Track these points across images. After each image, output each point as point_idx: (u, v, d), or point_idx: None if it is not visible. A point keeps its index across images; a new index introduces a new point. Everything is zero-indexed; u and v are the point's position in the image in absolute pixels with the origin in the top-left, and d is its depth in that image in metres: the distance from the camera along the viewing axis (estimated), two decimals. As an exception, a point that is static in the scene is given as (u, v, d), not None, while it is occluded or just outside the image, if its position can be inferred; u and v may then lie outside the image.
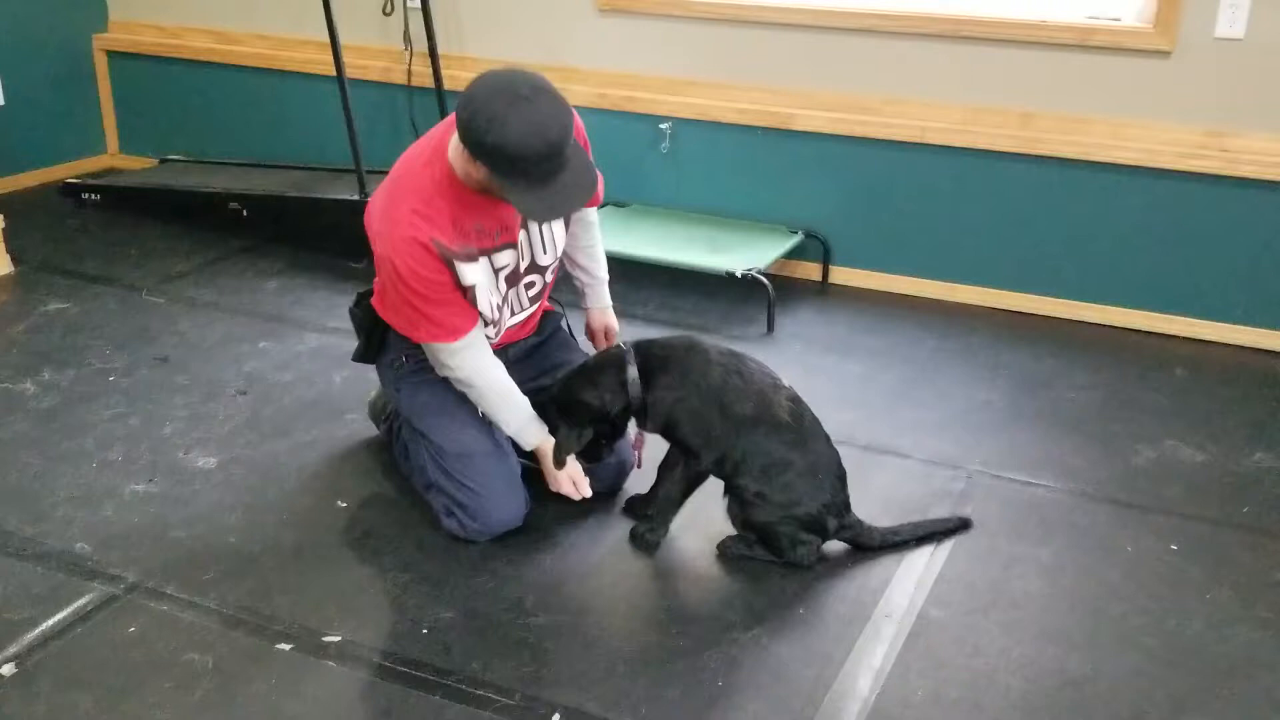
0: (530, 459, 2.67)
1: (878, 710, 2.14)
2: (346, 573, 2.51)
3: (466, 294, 2.45)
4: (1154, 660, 2.29)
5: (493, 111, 2.17)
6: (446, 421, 2.62)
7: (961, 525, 2.68)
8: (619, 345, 2.62)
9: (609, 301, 2.91)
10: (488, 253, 2.47)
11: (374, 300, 2.67)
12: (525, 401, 2.60)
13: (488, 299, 2.50)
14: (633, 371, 2.51)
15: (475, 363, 2.53)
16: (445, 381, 2.60)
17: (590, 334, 2.93)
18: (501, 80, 2.23)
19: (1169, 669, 2.26)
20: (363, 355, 2.78)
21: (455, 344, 2.48)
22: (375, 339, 2.72)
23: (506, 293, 2.57)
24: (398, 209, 2.38)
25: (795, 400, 2.58)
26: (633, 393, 2.51)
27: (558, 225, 2.62)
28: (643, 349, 2.56)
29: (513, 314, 2.65)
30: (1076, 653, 2.30)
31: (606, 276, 2.90)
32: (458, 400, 2.61)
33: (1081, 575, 2.55)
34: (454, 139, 2.34)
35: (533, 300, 2.69)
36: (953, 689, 2.20)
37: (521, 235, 2.54)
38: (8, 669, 2.20)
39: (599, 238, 2.86)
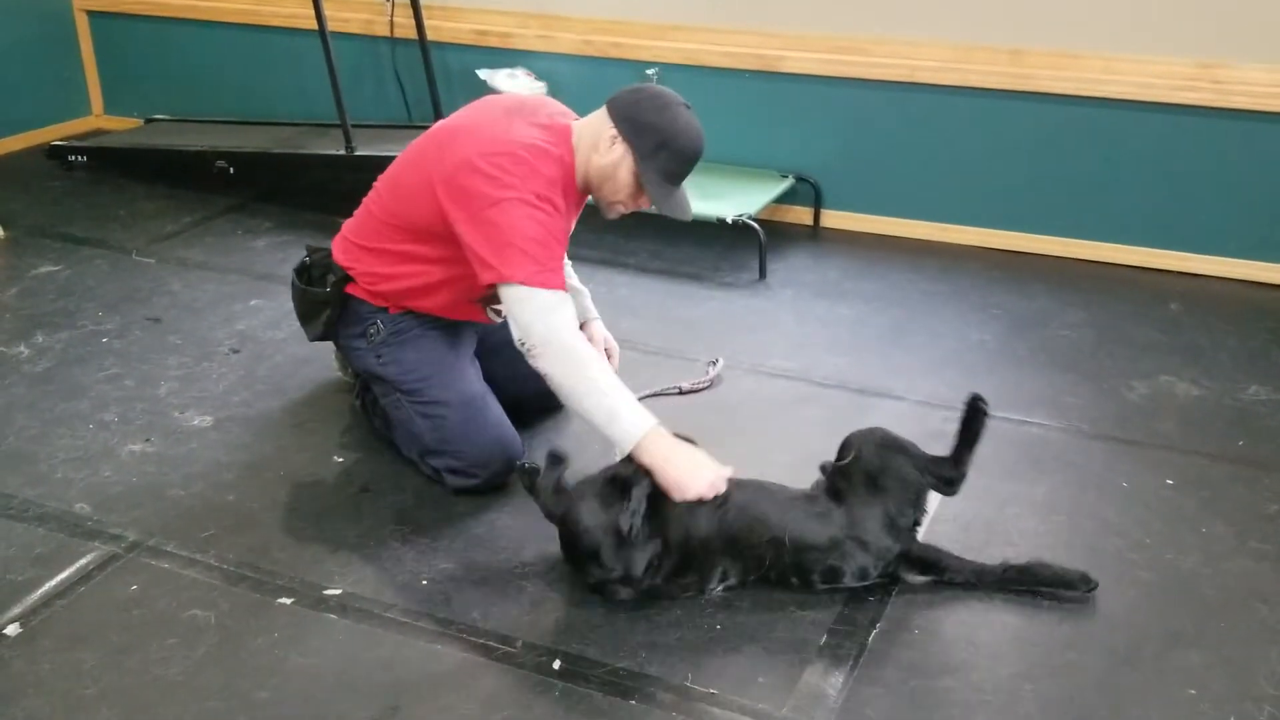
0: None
1: (873, 651, 2.16)
2: (345, 527, 2.53)
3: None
4: (1150, 594, 2.31)
5: (665, 102, 2.40)
6: (443, 373, 2.61)
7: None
8: None
9: (596, 313, 2.84)
10: None
11: (341, 259, 2.63)
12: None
13: None
14: None
15: (575, 322, 2.39)
16: (427, 335, 2.58)
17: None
18: (661, 89, 2.47)
19: (1165, 603, 2.28)
20: (324, 332, 2.71)
21: (561, 291, 2.37)
22: (336, 312, 2.65)
23: None
24: (533, 171, 2.36)
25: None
26: None
27: None
28: None
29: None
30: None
31: (586, 289, 2.84)
32: (445, 348, 2.60)
33: (1076, 512, 2.56)
34: (593, 125, 2.43)
35: None
36: (949, 626, 2.22)
37: None
38: (12, 629, 2.22)
39: None
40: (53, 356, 3.23)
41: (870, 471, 2.28)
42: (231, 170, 4.34)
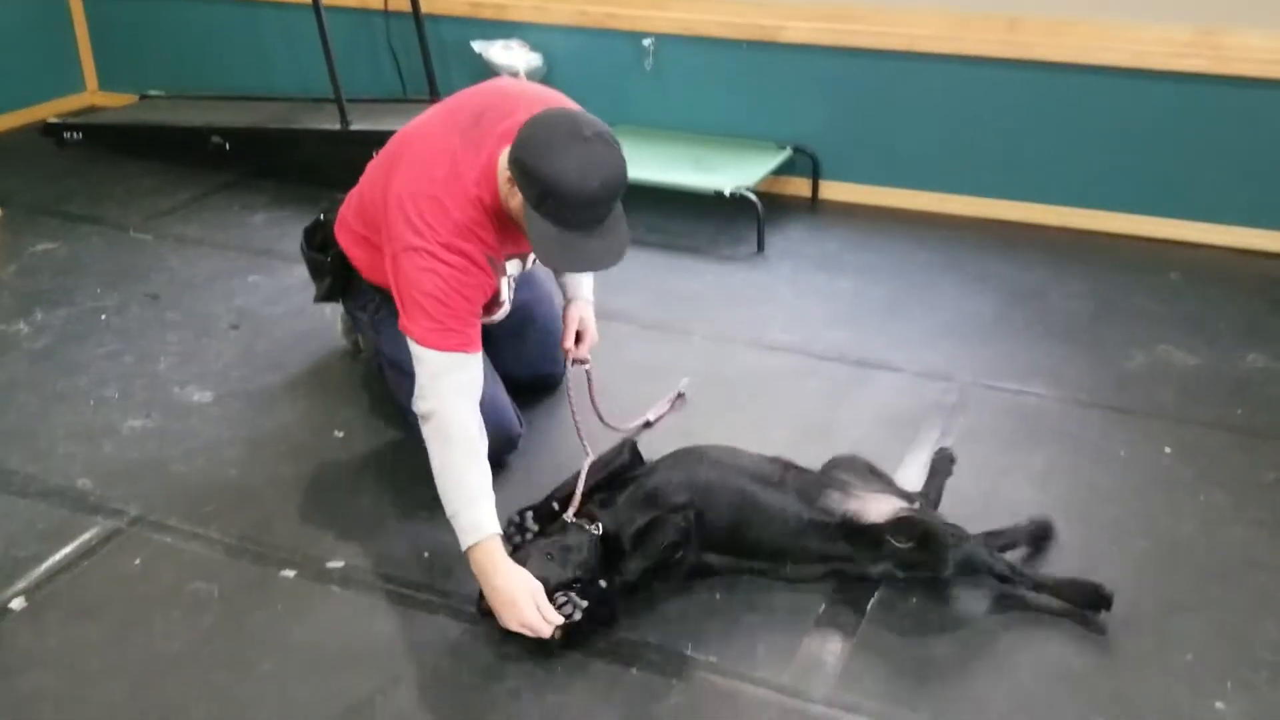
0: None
1: (874, 616, 2.18)
2: (346, 501, 2.54)
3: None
4: (1147, 562, 2.32)
5: (551, 139, 2.09)
6: None
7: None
8: None
9: (591, 295, 2.73)
10: (505, 259, 2.43)
11: (341, 240, 2.63)
12: (488, 477, 2.22)
13: (507, 298, 2.53)
14: None
15: (473, 399, 2.26)
16: None
17: (563, 324, 2.70)
18: (568, 117, 2.15)
19: (1161, 571, 2.30)
20: (327, 295, 2.75)
21: (471, 357, 2.28)
22: (340, 281, 2.68)
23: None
24: (446, 220, 2.24)
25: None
26: None
27: None
28: None
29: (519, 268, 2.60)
30: (1071, 557, 2.32)
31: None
32: None
33: (1074, 481, 2.57)
34: (502, 157, 2.22)
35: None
36: (946, 596, 2.23)
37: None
38: (17, 604, 2.23)
39: None
40: (52, 333, 3.24)
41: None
42: (227, 146, 4.33)
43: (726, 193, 3.71)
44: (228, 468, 2.65)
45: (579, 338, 2.69)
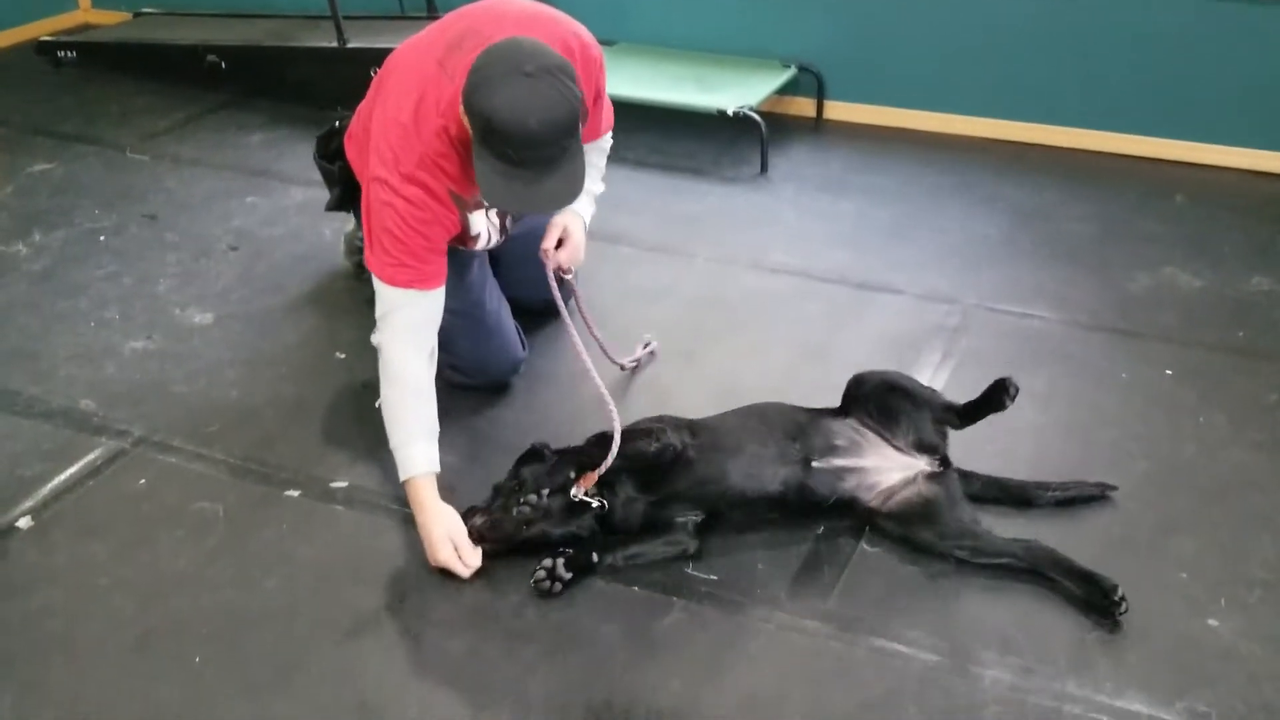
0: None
1: (871, 538, 2.19)
2: (348, 422, 2.54)
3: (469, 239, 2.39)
4: (1146, 482, 2.33)
5: (492, 74, 2.00)
6: (447, 278, 2.56)
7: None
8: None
9: (585, 212, 2.61)
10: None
11: (348, 152, 2.58)
12: (434, 414, 2.25)
13: (486, 231, 2.46)
14: None
15: (416, 341, 2.25)
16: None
17: (547, 228, 2.54)
18: (515, 49, 2.04)
19: (1160, 491, 2.31)
20: (338, 204, 2.72)
21: (426, 293, 2.25)
22: (350, 189, 2.62)
23: (502, 215, 2.50)
24: (410, 150, 2.17)
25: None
26: None
27: None
28: None
29: (519, 220, 2.58)
30: (1069, 477, 2.32)
31: (599, 190, 2.67)
32: (452, 252, 2.57)
33: (1075, 403, 2.58)
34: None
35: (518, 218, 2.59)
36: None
37: None
38: (24, 523, 2.25)
39: (598, 159, 2.64)
40: (51, 255, 3.22)
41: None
42: (223, 65, 4.27)
43: (729, 112, 3.67)
44: (229, 389, 2.65)
45: (560, 244, 2.53)
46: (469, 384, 2.60)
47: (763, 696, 1.87)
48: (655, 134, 3.92)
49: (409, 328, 2.24)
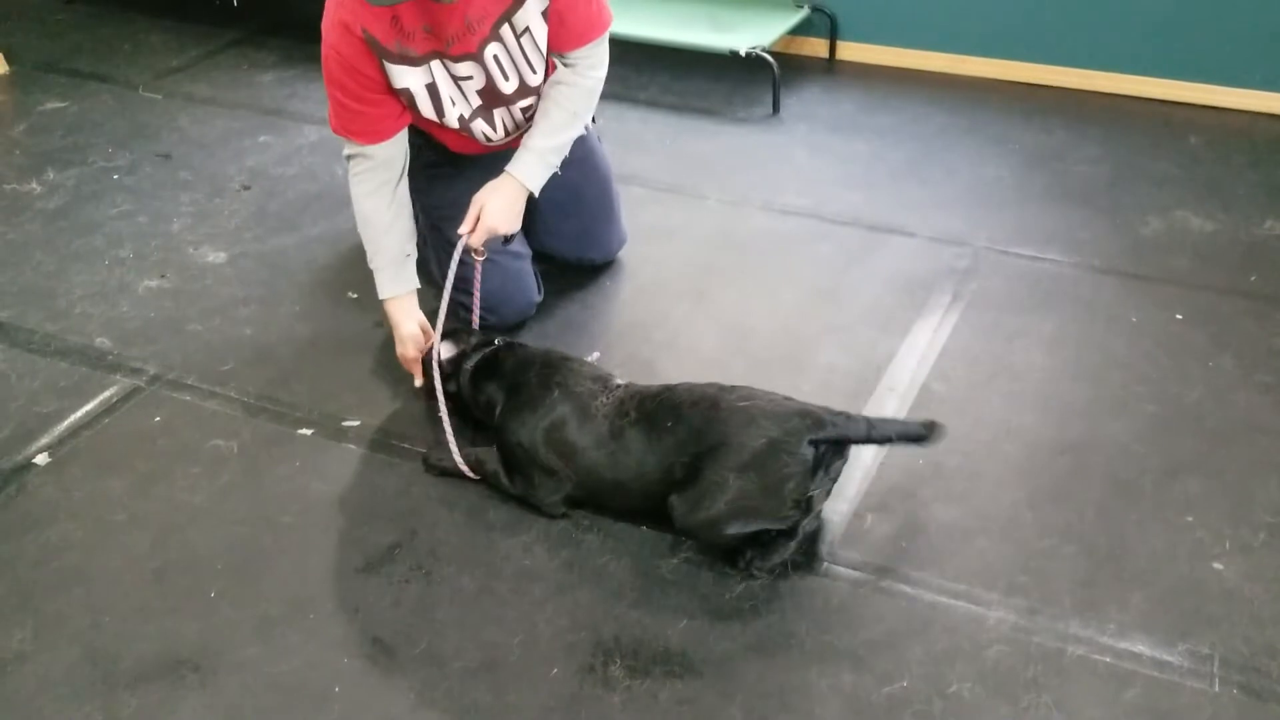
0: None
1: (879, 478, 2.21)
2: (361, 361, 2.57)
3: (402, 97, 2.30)
4: (1153, 426, 2.34)
5: None
6: (457, 215, 2.57)
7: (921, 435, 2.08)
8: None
9: (521, 175, 2.37)
10: (440, 57, 2.28)
11: None
12: (399, 244, 2.39)
13: (436, 108, 2.34)
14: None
15: (374, 182, 2.36)
16: (461, 175, 2.53)
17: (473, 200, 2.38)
18: None
19: (1167, 434, 2.32)
20: None
21: (368, 148, 2.33)
22: None
23: (487, 109, 2.41)
24: None
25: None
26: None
27: (529, 44, 2.33)
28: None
29: (507, 133, 2.50)
30: (1076, 420, 2.35)
31: (548, 144, 2.39)
32: (474, 192, 2.56)
33: (1084, 346, 2.58)
34: None
35: (529, 119, 2.47)
36: (953, 458, 2.26)
37: (489, 51, 2.30)
38: (41, 459, 2.29)
39: (571, 99, 2.40)
40: (65, 193, 3.23)
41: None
42: (235, 2, 4.25)
43: (742, 52, 3.64)
44: (243, 327, 2.67)
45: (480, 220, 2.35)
46: (483, 322, 2.61)
47: (769, 635, 1.90)
48: (667, 74, 3.89)
49: (361, 177, 2.38)
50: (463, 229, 2.34)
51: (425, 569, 2.04)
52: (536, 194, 2.42)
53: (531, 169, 2.39)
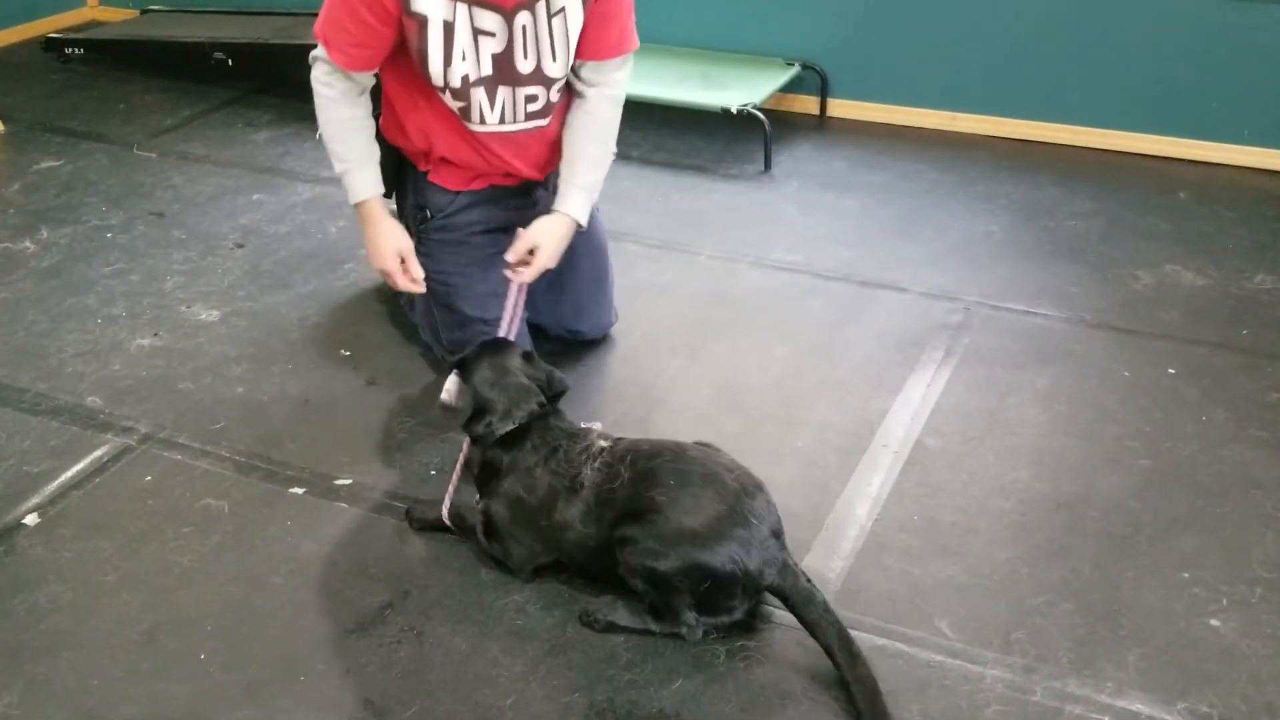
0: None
1: (874, 535, 2.20)
2: (353, 419, 2.56)
3: (411, 37, 2.26)
4: (1147, 481, 2.34)
5: None
6: (471, 286, 2.54)
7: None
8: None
9: (574, 213, 2.43)
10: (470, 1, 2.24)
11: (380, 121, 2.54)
12: (368, 142, 2.42)
13: (445, 53, 2.27)
14: None
15: (340, 89, 2.36)
16: (470, 241, 2.53)
17: (515, 240, 2.42)
18: None
19: (1162, 489, 2.31)
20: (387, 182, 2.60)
21: (344, 70, 2.33)
22: (390, 170, 2.55)
23: (494, 82, 2.33)
24: None
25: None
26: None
27: (559, 28, 2.31)
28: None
29: (501, 120, 2.40)
30: (1071, 475, 2.34)
31: (592, 179, 2.47)
32: (483, 260, 2.53)
33: (1077, 401, 2.58)
34: None
35: (529, 117, 2.42)
36: (948, 514, 2.25)
37: (519, 20, 2.27)
38: (31, 519, 2.27)
39: (600, 132, 2.48)
40: (58, 251, 3.24)
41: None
42: (230, 62, 4.29)
43: (734, 110, 3.68)
44: (235, 385, 2.67)
45: (531, 254, 2.41)
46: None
47: (763, 696, 1.88)
48: (660, 132, 3.93)
49: (325, 80, 2.36)
50: (511, 256, 2.40)
51: (417, 629, 2.02)
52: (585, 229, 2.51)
53: (582, 206, 2.47)
